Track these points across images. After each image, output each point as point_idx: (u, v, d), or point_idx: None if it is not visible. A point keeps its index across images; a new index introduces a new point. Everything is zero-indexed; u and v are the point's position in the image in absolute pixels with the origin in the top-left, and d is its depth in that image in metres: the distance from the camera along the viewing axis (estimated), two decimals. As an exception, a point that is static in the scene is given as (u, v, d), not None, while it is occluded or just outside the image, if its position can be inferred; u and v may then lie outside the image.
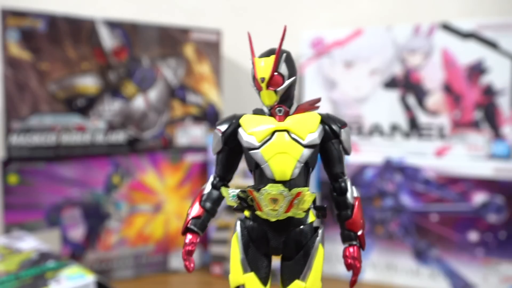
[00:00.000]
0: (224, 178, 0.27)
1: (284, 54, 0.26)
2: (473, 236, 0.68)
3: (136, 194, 0.77)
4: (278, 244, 0.25)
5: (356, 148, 0.79)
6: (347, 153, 0.27)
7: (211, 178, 0.27)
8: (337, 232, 0.29)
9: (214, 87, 0.86)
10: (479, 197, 0.68)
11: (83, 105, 0.74)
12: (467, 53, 0.71)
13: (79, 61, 0.73)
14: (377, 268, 0.74)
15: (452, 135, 0.73)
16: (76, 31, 0.72)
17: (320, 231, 0.25)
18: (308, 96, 0.82)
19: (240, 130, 0.25)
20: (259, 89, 0.25)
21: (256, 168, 0.25)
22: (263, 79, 0.24)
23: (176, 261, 0.80)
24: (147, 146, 0.79)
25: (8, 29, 0.67)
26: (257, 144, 0.24)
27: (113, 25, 0.75)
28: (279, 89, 0.25)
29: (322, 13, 0.92)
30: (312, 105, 0.26)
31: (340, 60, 0.80)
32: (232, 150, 0.26)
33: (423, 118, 0.74)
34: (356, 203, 0.27)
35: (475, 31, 0.71)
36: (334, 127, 0.25)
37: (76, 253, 0.72)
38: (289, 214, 0.24)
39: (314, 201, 0.26)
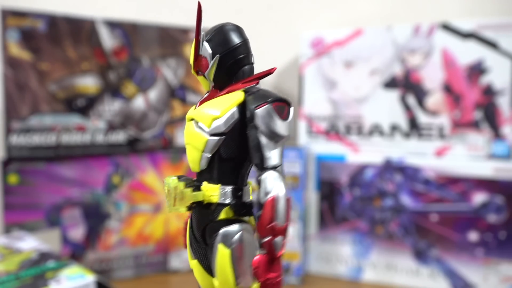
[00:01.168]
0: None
1: (203, 33, 0.24)
2: (473, 236, 0.68)
3: (136, 194, 0.77)
4: (198, 235, 0.24)
5: (356, 148, 0.79)
6: (266, 134, 0.22)
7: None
8: (336, 232, 0.29)
9: (214, 87, 0.86)
10: (479, 197, 0.68)
11: (83, 105, 0.74)
12: (467, 53, 0.71)
13: (79, 61, 0.73)
14: (377, 268, 0.74)
15: (452, 135, 0.73)
16: (76, 31, 0.72)
17: (222, 230, 0.22)
18: (308, 96, 0.82)
19: None
20: (197, 73, 0.24)
21: None
22: (191, 66, 0.23)
23: (176, 261, 0.80)
24: (147, 146, 0.79)
25: (8, 29, 0.68)
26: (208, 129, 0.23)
27: (113, 25, 0.75)
28: (205, 72, 0.23)
29: (322, 13, 0.92)
30: (246, 82, 0.23)
31: (340, 60, 0.80)
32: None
33: (423, 118, 0.75)
34: (267, 202, 0.21)
35: (475, 31, 0.71)
36: (250, 107, 0.21)
37: (76, 253, 0.72)
38: (175, 209, 0.22)
39: (238, 196, 0.23)
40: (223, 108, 0.21)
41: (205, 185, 0.22)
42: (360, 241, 0.75)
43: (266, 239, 0.21)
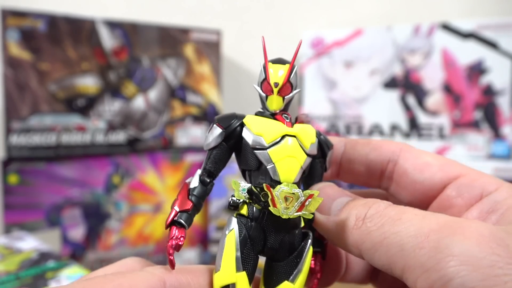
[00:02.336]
0: (212, 174, 0.27)
1: (296, 66, 0.26)
2: (473, 236, 0.68)
3: (136, 194, 0.77)
4: (276, 244, 0.25)
5: (356, 148, 0.79)
6: (326, 171, 0.29)
7: (199, 172, 0.27)
8: None
9: (214, 87, 0.86)
10: (479, 197, 0.68)
11: (83, 105, 0.74)
12: (467, 53, 0.71)
13: (79, 61, 0.73)
14: (377, 268, 0.74)
15: (452, 135, 0.73)
16: (76, 31, 0.72)
17: (311, 235, 0.26)
18: (308, 96, 0.83)
19: (245, 129, 0.26)
20: (268, 93, 0.26)
21: (257, 169, 0.25)
22: (276, 84, 0.25)
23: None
24: (147, 146, 0.80)
25: (8, 29, 0.68)
26: (266, 144, 0.25)
27: (113, 25, 0.75)
28: (287, 96, 0.26)
29: (322, 13, 0.93)
30: (307, 119, 0.27)
31: (340, 60, 0.80)
32: (228, 147, 0.27)
33: (423, 118, 0.75)
34: None
35: (475, 31, 0.71)
36: (325, 147, 0.27)
37: (76, 253, 0.72)
38: (299, 214, 0.24)
39: None
40: (313, 137, 0.26)
41: None
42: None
43: (326, 241, 0.27)
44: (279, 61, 0.26)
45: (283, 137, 0.25)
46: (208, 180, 0.27)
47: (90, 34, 0.74)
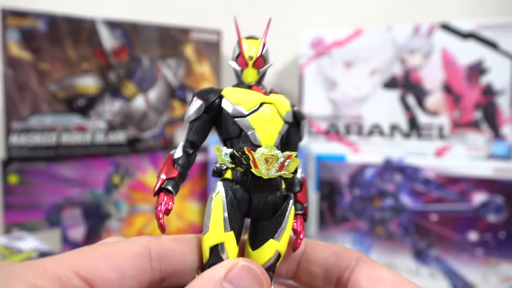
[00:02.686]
0: (194, 145, 0.28)
1: (267, 43, 0.29)
2: (472, 236, 0.68)
3: (136, 194, 0.77)
4: (260, 205, 0.26)
5: (356, 148, 0.79)
6: (301, 140, 0.31)
7: (182, 143, 0.28)
8: (336, 232, 0.30)
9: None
10: (478, 197, 0.68)
11: (84, 105, 0.74)
12: (467, 53, 0.71)
13: (79, 61, 0.73)
14: (377, 268, 0.74)
15: (452, 135, 0.73)
16: (76, 31, 0.72)
17: (292, 196, 0.28)
18: (308, 96, 0.83)
19: (224, 99, 0.27)
20: (243, 66, 0.28)
21: (237, 136, 0.27)
22: (251, 58, 0.27)
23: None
24: (147, 146, 0.80)
25: (8, 29, 0.68)
26: (245, 112, 0.26)
27: (113, 25, 0.75)
28: (261, 69, 0.28)
29: (322, 13, 0.93)
30: (280, 92, 0.29)
31: (340, 60, 0.80)
32: (209, 118, 0.28)
33: (423, 118, 0.75)
34: (304, 179, 0.30)
35: (474, 31, 0.71)
36: (299, 116, 0.29)
37: (76, 253, 0.72)
38: (279, 174, 0.25)
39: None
40: (288, 106, 0.28)
41: None
42: (360, 241, 0.75)
43: (306, 204, 0.29)
44: (252, 37, 0.28)
45: (261, 104, 0.27)
46: (191, 151, 0.28)
47: (90, 34, 0.74)
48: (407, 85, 0.76)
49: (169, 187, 0.26)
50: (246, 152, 0.25)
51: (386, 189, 0.73)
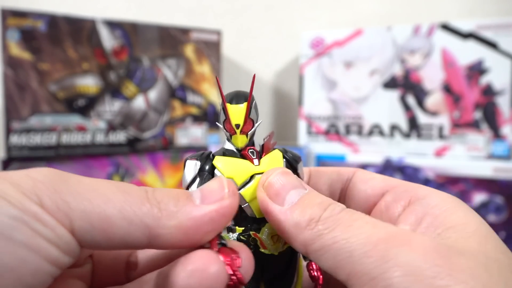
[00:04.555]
0: None
1: (254, 101, 0.28)
2: (472, 236, 0.68)
3: (136, 194, 0.77)
4: (272, 272, 0.27)
5: (356, 148, 0.79)
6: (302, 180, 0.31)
7: None
8: None
9: (214, 87, 0.86)
10: (478, 197, 0.68)
11: (84, 105, 0.74)
12: (467, 53, 0.71)
13: (79, 61, 0.73)
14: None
15: (451, 135, 0.73)
16: (76, 31, 0.72)
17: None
18: (308, 96, 0.83)
19: (216, 171, 0.27)
20: (231, 133, 0.27)
21: None
22: (238, 126, 0.27)
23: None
24: (147, 146, 0.80)
25: (8, 29, 0.68)
26: (238, 186, 0.26)
27: (113, 25, 0.75)
28: (249, 132, 0.27)
29: (322, 13, 0.93)
30: (273, 145, 0.28)
31: (340, 61, 0.80)
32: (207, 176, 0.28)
33: (423, 118, 0.75)
34: None
35: (474, 31, 0.71)
36: (293, 162, 0.29)
37: (76, 253, 0.72)
38: (288, 245, 0.26)
39: None
40: (280, 163, 0.27)
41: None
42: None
43: None
44: (237, 99, 0.27)
45: (252, 176, 0.26)
46: None
47: (90, 34, 0.74)
48: (407, 85, 0.76)
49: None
50: (252, 236, 0.25)
51: (386, 189, 0.73)
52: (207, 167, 0.27)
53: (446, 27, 0.73)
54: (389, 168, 0.73)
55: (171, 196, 0.20)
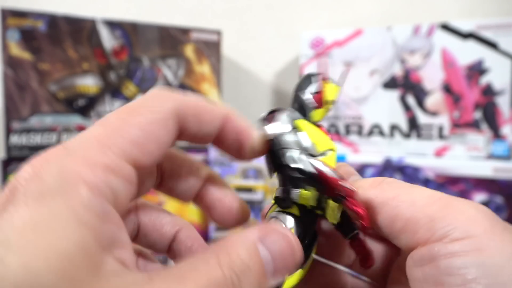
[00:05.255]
0: None
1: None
2: (472, 236, 0.68)
3: (137, 194, 0.77)
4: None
5: (356, 148, 0.79)
6: None
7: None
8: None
9: (214, 87, 0.86)
10: (478, 197, 0.68)
11: (84, 105, 0.74)
12: (467, 53, 0.71)
13: (79, 61, 0.73)
14: (377, 267, 0.74)
15: (451, 135, 0.73)
16: (76, 31, 0.72)
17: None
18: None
19: (303, 134, 0.27)
20: (320, 106, 0.28)
21: None
22: (327, 102, 0.28)
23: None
24: (147, 146, 0.80)
25: (8, 29, 0.68)
26: (317, 153, 0.26)
27: (113, 25, 0.75)
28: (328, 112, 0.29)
29: (322, 13, 0.93)
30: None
31: (340, 60, 0.80)
32: None
33: (423, 118, 0.75)
34: None
35: (474, 31, 0.71)
36: None
37: (76, 253, 0.72)
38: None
39: None
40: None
41: None
42: (360, 241, 0.76)
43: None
44: (331, 80, 0.28)
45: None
46: None
47: (90, 34, 0.74)
48: (407, 85, 0.76)
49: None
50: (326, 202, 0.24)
51: (386, 189, 0.73)
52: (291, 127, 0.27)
53: (446, 27, 0.73)
54: (389, 168, 0.73)
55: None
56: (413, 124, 0.75)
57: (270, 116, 0.26)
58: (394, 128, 0.77)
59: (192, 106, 0.21)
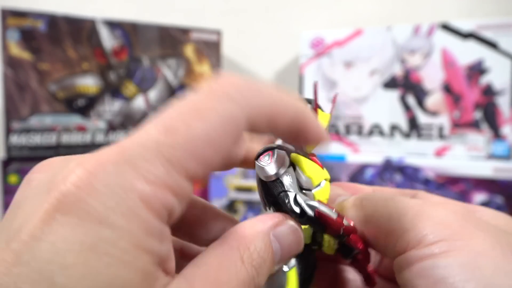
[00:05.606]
0: None
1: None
2: (472, 236, 0.68)
3: (136, 194, 0.77)
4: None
5: (356, 148, 0.79)
6: None
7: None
8: None
9: (214, 87, 0.86)
10: (478, 197, 0.68)
11: (84, 105, 0.74)
12: (467, 53, 0.71)
13: (79, 61, 0.73)
14: (377, 268, 0.74)
15: (452, 135, 0.73)
16: (76, 31, 0.72)
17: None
18: (308, 96, 0.83)
19: (297, 168, 0.27)
20: None
21: None
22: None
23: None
24: (147, 146, 0.79)
25: (8, 29, 0.68)
26: (313, 187, 0.27)
27: (113, 25, 0.75)
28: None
29: (322, 13, 0.93)
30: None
31: (340, 60, 0.80)
32: None
33: (423, 118, 0.75)
34: None
35: (474, 31, 0.71)
36: None
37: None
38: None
39: None
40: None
41: None
42: (360, 241, 0.75)
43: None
44: (320, 108, 0.29)
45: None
46: None
47: (90, 34, 0.74)
48: (407, 85, 0.76)
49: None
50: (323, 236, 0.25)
51: (386, 189, 0.73)
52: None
53: (446, 27, 0.72)
54: (389, 168, 0.73)
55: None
56: (413, 124, 0.75)
57: (266, 155, 0.25)
58: (394, 128, 0.77)
59: (265, 113, 0.18)
